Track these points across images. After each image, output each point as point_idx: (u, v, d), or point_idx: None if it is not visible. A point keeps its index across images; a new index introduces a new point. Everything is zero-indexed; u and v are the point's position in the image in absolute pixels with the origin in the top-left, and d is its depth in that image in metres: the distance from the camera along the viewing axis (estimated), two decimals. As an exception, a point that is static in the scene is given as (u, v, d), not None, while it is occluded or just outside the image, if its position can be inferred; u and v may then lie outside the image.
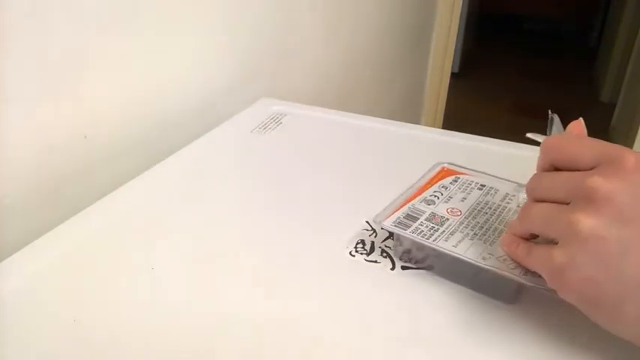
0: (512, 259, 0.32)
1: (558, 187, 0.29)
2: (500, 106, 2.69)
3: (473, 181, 0.40)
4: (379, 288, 0.35)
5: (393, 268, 0.36)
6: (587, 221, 0.26)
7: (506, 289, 0.33)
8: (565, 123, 0.36)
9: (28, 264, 0.36)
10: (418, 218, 0.36)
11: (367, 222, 0.41)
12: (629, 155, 0.27)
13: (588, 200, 0.27)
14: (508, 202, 0.38)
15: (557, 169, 0.30)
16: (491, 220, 0.36)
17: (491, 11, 3.55)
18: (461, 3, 1.88)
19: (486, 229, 0.35)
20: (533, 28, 3.80)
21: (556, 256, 0.27)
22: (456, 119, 2.25)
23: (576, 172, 0.28)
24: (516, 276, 0.31)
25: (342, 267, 0.36)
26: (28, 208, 0.44)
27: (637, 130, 1.85)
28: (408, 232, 0.35)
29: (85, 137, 0.48)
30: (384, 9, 1.31)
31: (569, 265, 0.27)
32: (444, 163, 0.42)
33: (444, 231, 0.35)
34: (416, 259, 0.36)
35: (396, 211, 0.37)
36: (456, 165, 0.42)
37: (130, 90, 0.53)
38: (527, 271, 0.31)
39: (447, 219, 0.36)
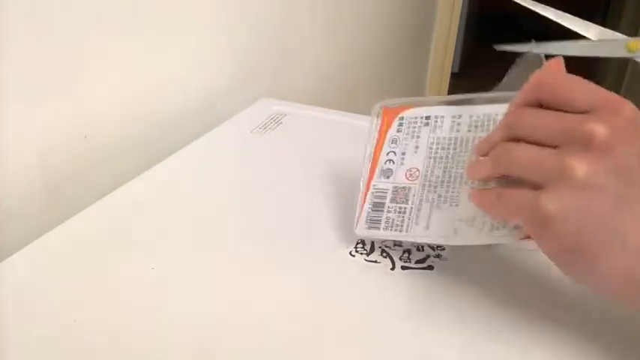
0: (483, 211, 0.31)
1: (547, 128, 0.26)
2: (500, 106, 2.69)
3: (417, 117, 0.37)
4: (379, 288, 0.35)
5: (393, 268, 0.36)
6: (584, 168, 0.24)
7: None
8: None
9: (28, 264, 0.36)
10: (384, 203, 0.36)
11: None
12: (627, 104, 0.25)
13: (585, 146, 0.24)
14: (457, 132, 0.35)
15: (542, 107, 0.28)
16: (449, 166, 0.34)
17: (491, 11, 3.55)
18: (461, 3, 1.88)
19: (447, 182, 0.34)
20: (533, 28, 3.80)
21: (544, 203, 0.25)
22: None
23: (569, 114, 0.26)
24: (488, 239, 0.30)
25: (342, 267, 0.36)
26: (28, 208, 0.44)
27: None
28: (381, 230, 0.35)
29: (85, 137, 0.48)
30: (384, 9, 1.31)
31: (559, 215, 0.25)
32: (380, 106, 0.39)
33: (411, 209, 0.34)
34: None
35: (365, 202, 0.37)
36: (394, 100, 0.39)
37: (130, 90, 0.53)
38: (493, 226, 0.30)
39: (409, 188, 0.35)
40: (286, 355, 0.30)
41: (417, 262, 0.37)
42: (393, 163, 0.37)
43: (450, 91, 2.05)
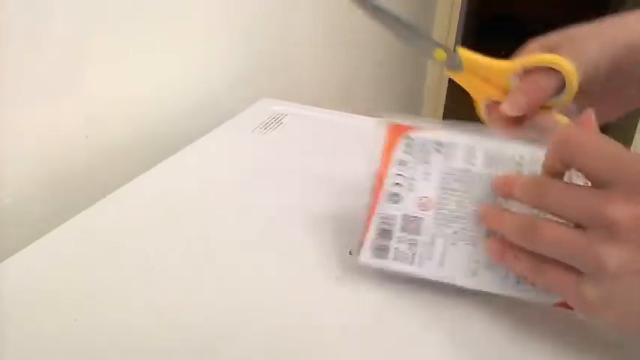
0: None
1: (571, 208, 0.27)
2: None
3: (427, 141, 0.35)
4: (379, 288, 0.35)
5: (393, 268, 0.36)
6: (614, 257, 0.25)
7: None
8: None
9: (28, 264, 0.36)
10: (392, 232, 0.34)
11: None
12: None
13: (610, 233, 0.25)
14: (472, 165, 0.34)
15: (566, 169, 0.29)
16: (463, 201, 0.33)
17: (491, 11, 3.55)
18: (460, 3, 1.88)
19: (462, 218, 0.33)
20: (532, 28, 3.80)
21: (586, 291, 0.26)
22: (455, 119, 2.25)
23: (591, 193, 0.26)
24: (512, 291, 0.31)
25: (341, 267, 0.36)
26: (28, 208, 0.44)
27: (635, 129, 1.86)
28: (389, 259, 0.33)
29: (86, 137, 0.48)
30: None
31: (604, 302, 0.26)
32: (383, 118, 0.37)
33: (424, 242, 0.33)
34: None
35: (368, 226, 0.35)
36: (397, 116, 0.37)
37: (131, 90, 0.53)
38: (520, 279, 0.30)
39: (422, 219, 0.34)
40: (286, 355, 0.30)
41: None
42: (401, 187, 0.35)
43: (450, 92, 2.05)
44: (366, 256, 0.34)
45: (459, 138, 0.35)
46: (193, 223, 0.41)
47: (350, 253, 0.38)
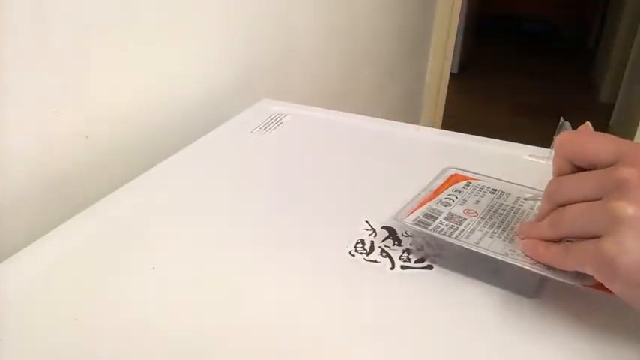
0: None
1: (584, 187, 0.30)
2: (499, 106, 2.69)
3: (484, 186, 0.41)
4: (379, 287, 0.35)
5: (392, 268, 0.36)
6: (628, 206, 0.27)
7: (529, 283, 0.33)
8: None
9: (29, 264, 0.36)
10: (437, 217, 0.37)
11: (367, 222, 0.41)
12: None
13: (623, 190, 0.27)
14: (521, 205, 0.39)
15: (574, 168, 0.31)
16: (507, 219, 0.37)
17: (491, 11, 3.55)
18: (460, 3, 1.89)
19: (504, 227, 0.36)
20: (532, 28, 3.81)
21: (605, 247, 0.27)
22: (455, 119, 2.25)
23: (599, 170, 0.29)
24: (540, 269, 0.31)
25: (341, 267, 0.37)
26: (29, 208, 0.44)
27: (635, 129, 1.86)
28: (428, 229, 0.36)
29: (87, 137, 0.49)
30: (384, 9, 1.31)
31: (621, 251, 0.27)
32: (452, 168, 0.43)
33: (463, 229, 0.36)
34: (432, 256, 0.37)
35: (414, 211, 0.38)
36: (465, 170, 0.43)
37: (131, 90, 0.53)
38: (549, 267, 0.31)
39: (465, 219, 0.37)
40: (286, 354, 0.30)
41: (417, 261, 0.37)
42: (453, 201, 0.39)
43: (450, 92, 2.05)
44: (408, 221, 0.37)
45: (511, 188, 0.41)
46: (193, 223, 0.41)
47: (351, 253, 0.38)
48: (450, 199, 0.39)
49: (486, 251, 0.33)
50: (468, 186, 0.41)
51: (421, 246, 0.37)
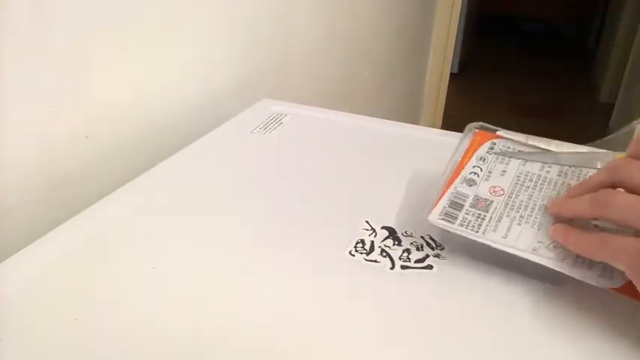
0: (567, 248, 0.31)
1: (635, 211, 0.28)
2: (499, 106, 2.70)
3: (509, 147, 0.39)
4: (379, 287, 0.35)
5: (392, 268, 0.36)
6: None
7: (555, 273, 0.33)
8: (564, 122, 0.36)
9: (29, 264, 0.36)
10: (463, 205, 0.36)
11: (367, 222, 0.41)
12: None
13: None
14: (547, 172, 0.37)
15: None
16: (534, 196, 0.36)
17: (491, 12, 3.55)
18: (460, 3, 1.89)
19: (531, 208, 0.35)
20: (532, 28, 3.81)
21: None
22: (455, 119, 2.25)
23: None
24: (567, 268, 0.31)
25: (341, 267, 0.37)
26: (29, 208, 0.44)
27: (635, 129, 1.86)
28: (456, 225, 0.35)
29: (87, 137, 0.49)
30: (384, 9, 1.31)
31: None
32: (475, 123, 0.42)
33: (490, 218, 0.35)
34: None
35: (441, 197, 0.37)
36: (489, 127, 0.41)
37: (131, 90, 0.53)
38: (576, 261, 0.31)
39: (491, 201, 0.36)
40: (286, 354, 0.30)
41: (417, 261, 0.37)
42: (478, 176, 0.38)
43: (450, 92, 2.05)
44: (434, 217, 0.36)
45: (538, 152, 0.39)
46: (193, 223, 0.41)
47: (351, 253, 0.38)
48: (475, 174, 0.38)
49: (514, 250, 0.33)
50: (492, 149, 0.39)
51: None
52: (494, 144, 0.40)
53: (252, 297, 0.34)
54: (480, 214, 0.35)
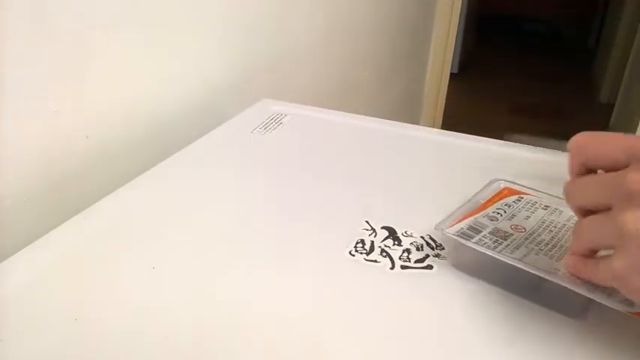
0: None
1: (597, 192, 0.28)
2: (499, 106, 2.69)
3: (537, 202, 0.39)
4: (379, 287, 0.35)
5: (392, 268, 0.36)
6: (634, 221, 0.25)
7: (573, 303, 0.32)
8: (564, 122, 0.36)
9: (29, 264, 0.36)
10: (481, 231, 0.36)
11: (367, 222, 0.41)
12: None
13: (630, 200, 0.26)
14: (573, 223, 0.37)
15: (589, 169, 0.30)
16: (557, 237, 0.35)
17: (491, 12, 3.55)
18: (460, 3, 1.89)
19: (552, 245, 0.34)
20: (532, 28, 3.81)
21: (615, 263, 0.26)
22: (455, 119, 2.25)
23: (611, 174, 0.28)
24: (584, 291, 0.30)
25: (342, 267, 0.37)
26: (29, 209, 0.44)
27: (635, 130, 1.86)
28: (470, 242, 0.35)
29: (87, 137, 0.49)
30: (384, 9, 1.31)
31: (630, 269, 0.26)
32: (501, 180, 0.41)
33: (508, 244, 0.34)
34: (471, 268, 0.36)
35: (458, 222, 0.37)
36: (517, 184, 0.41)
37: (131, 90, 0.53)
38: (596, 289, 0.30)
39: (511, 234, 0.35)
40: (286, 354, 0.30)
41: (417, 261, 0.37)
42: (501, 215, 0.38)
43: (450, 92, 2.05)
44: (448, 232, 0.36)
45: (566, 206, 0.36)
46: (193, 222, 0.41)
47: (351, 254, 0.38)
48: (498, 213, 0.38)
49: (529, 267, 0.32)
50: (520, 201, 0.39)
51: (466, 259, 0.36)
52: (522, 197, 0.40)
53: (252, 297, 0.34)
54: (497, 239, 0.35)
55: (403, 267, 0.36)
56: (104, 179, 0.49)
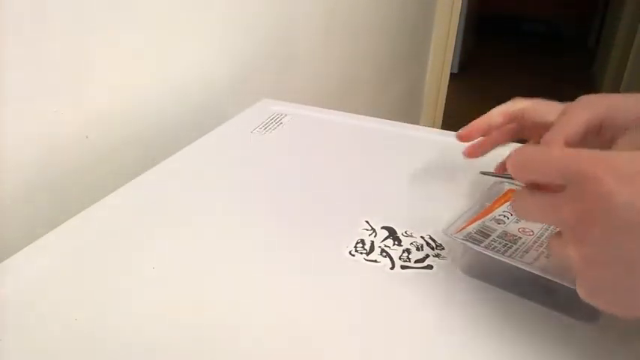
0: None
1: (538, 216, 0.29)
2: (500, 106, 2.69)
3: None
4: (379, 287, 0.35)
5: (392, 268, 0.36)
6: (578, 259, 0.26)
7: (586, 306, 0.31)
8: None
9: (29, 264, 0.36)
10: (490, 235, 0.36)
11: (367, 222, 0.41)
12: (595, 177, 0.25)
13: (569, 233, 0.26)
14: None
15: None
16: None
17: (491, 12, 3.55)
18: (460, 3, 1.89)
19: None
20: (532, 28, 3.81)
21: (579, 285, 0.27)
22: (455, 119, 2.25)
23: (550, 199, 0.27)
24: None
25: (342, 267, 0.37)
26: (29, 209, 0.44)
27: (636, 130, 1.85)
28: (479, 246, 0.34)
29: (87, 137, 0.49)
30: (384, 9, 1.31)
31: (591, 294, 0.26)
32: (504, 182, 0.41)
33: (517, 248, 0.34)
34: (480, 273, 0.36)
35: (466, 226, 0.37)
36: (521, 186, 0.41)
37: (131, 90, 0.53)
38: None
39: (520, 237, 0.35)
40: (286, 354, 0.30)
41: (417, 261, 0.37)
42: (507, 218, 0.37)
43: (450, 92, 2.05)
44: (456, 237, 0.35)
45: None
46: (193, 222, 0.41)
47: (351, 254, 0.38)
48: (505, 216, 0.38)
49: (542, 272, 0.31)
50: None
51: (475, 264, 0.36)
52: None
53: (252, 297, 0.34)
54: (507, 243, 0.35)
55: (403, 267, 0.36)
56: (104, 179, 0.49)
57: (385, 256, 0.37)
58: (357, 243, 0.39)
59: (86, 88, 0.48)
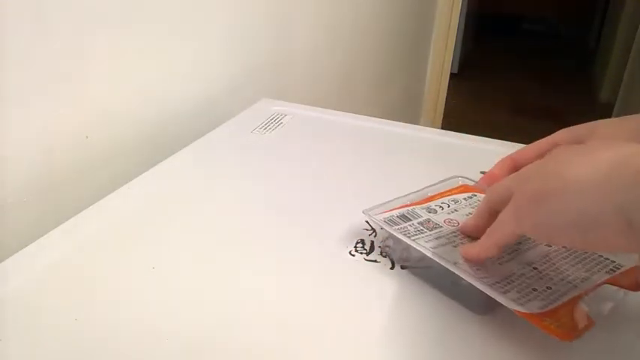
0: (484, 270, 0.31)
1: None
2: (499, 106, 2.69)
3: None
4: (379, 287, 0.35)
5: (392, 268, 0.36)
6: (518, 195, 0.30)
7: (477, 299, 0.32)
8: (564, 122, 0.36)
9: (29, 264, 0.36)
10: (410, 220, 0.36)
11: (367, 222, 0.41)
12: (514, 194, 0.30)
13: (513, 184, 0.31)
14: None
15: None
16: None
17: (491, 12, 3.55)
18: (460, 3, 1.89)
19: (473, 240, 0.34)
20: (532, 28, 3.81)
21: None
22: (455, 119, 2.25)
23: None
24: (481, 284, 0.30)
25: (342, 267, 0.37)
26: (29, 209, 0.44)
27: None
28: (392, 227, 0.35)
29: (87, 137, 0.49)
30: (384, 10, 1.31)
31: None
32: (460, 177, 0.41)
33: (430, 234, 0.35)
34: (408, 260, 0.36)
35: (394, 210, 0.37)
36: (475, 182, 0.41)
37: (131, 90, 0.53)
38: (494, 283, 0.30)
39: (441, 227, 0.36)
40: (286, 354, 0.30)
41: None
42: (442, 209, 0.38)
43: (450, 92, 2.05)
44: (374, 213, 0.36)
45: None
46: (193, 222, 0.41)
47: (351, 254, 0.38)
48: (440, 207, 0.38)
49: (436, 256, 0.32)
50: (470, 198, 0.39)
51: (389, 250, 0.37)
52: (475, 195, 0.40)
53: (252, 297, 0.34)
54: (422, 229, 0.35)
55: (403, 267, 0.36)
56: (104, 179, 0.49)
57: (385, 256, 0.37)
58: (357, 243, 0.39)
59: (86, 88, 0.48)
